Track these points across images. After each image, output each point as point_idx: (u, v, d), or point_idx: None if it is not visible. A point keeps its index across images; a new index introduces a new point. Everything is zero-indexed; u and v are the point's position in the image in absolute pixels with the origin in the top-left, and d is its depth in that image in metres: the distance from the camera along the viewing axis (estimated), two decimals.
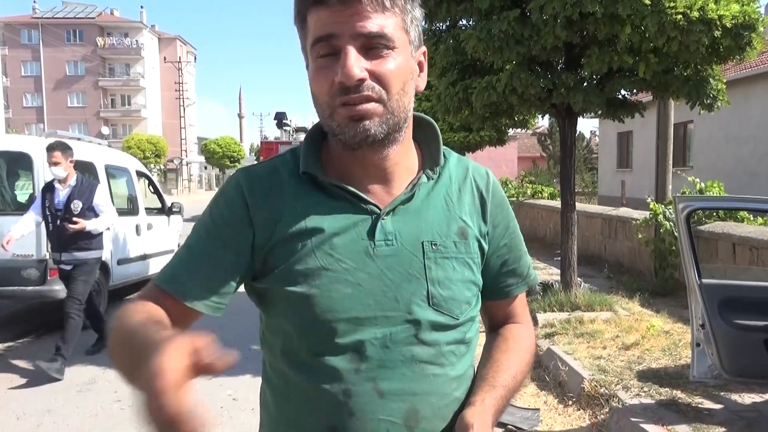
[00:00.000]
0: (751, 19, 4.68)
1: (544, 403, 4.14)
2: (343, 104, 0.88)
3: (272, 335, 0.98)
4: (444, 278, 0.95)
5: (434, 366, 0.94)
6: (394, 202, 0.96)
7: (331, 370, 0.92)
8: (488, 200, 1.04)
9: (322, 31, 0.87)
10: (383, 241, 0.93)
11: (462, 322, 0.97)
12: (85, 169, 6.76)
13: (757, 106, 14.59)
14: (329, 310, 0.91)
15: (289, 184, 0.96)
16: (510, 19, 5.01)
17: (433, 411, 0.94)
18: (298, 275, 0.92)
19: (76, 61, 56.12)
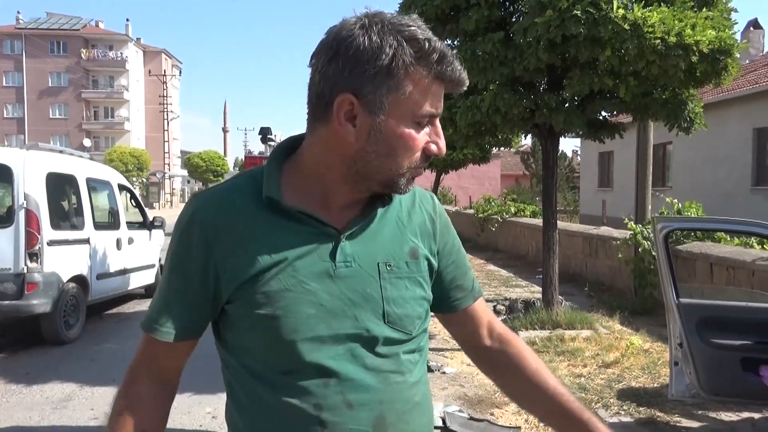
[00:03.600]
0: (726, 44, 4.80)
1: (525, 422, 4.15)
2: (419, 167, 0.99)
3: (238, 356, 1.02)
4: (398, 297, 1.02)
5: (396, 374, 1.01)
6: (352, 225, 1.01)
7: (301, 387, 0.96)
8: (437, 222, 1.12)
9: (437, 108, 0.97)
10: (343, 263, 0.99)
11: (416, 335, 1.05)
12: (66, 182, 6.71)
13: (733, 130, 14.93)
14: (294, 330, 0.95)
15: (248, 208, 0.99)
16: (495, 40, 5.10)
17: (398, 416, 1.01)
18: (263, 298, 0.96)
19: (60, 73, 55.69)
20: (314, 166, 1.01)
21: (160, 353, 1.03)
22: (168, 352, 1.03)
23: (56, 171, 6.43)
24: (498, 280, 9.84)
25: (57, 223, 6.25)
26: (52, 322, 6.03)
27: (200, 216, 0.99)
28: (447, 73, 0.94)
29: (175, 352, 1.03)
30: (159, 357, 1.04)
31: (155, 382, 1.04)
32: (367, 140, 0.95)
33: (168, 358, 1.04)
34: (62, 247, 6.25)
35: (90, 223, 6.85)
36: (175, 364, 1.06)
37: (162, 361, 1.04)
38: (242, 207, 0.99)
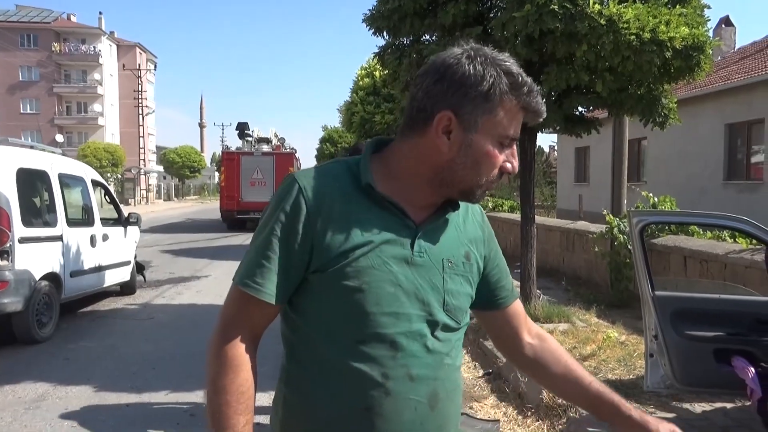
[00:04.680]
0: (699, 41, 4.87)
1: (504, 415, 4.18)
2: (494, 182, 1.15)
3: (312, 321, 1.12)
4: (455, 290, 1.17)
5: (447, 357, 1.17)
6: (428, 222, 1.16)
7: (372, 355, 1.09)
8: (485, 231, 1.30)
9: (516, 133, 1.12)
10: (418, 253, 1.13)
11: (462, 326, 1.20)
12: (38, 178, 6.56)
13: (706, 125, 15.21)
14: (376, 303, 1.08)
15: (346, 191, 1.13)
16: (473, 35, 5.10)
17: (446, 394, 1.16)
18: (353, 271, 1.08)
19: (30, 67, 54.42)
20: (403, 167, 1.16)
21: (257, 313, 1.11)
22: (264, 313, 1.12)
23: (27, 167, 6.29)
24: None
25: (28, 220, 6.12)
26: (24, 320, 5.91)
27: (306, 192, 1.11)
28: (532, 105, 1.11)
29: (269, 313, 1.13)
30: (255, 316, 1.12)
31: (249, 341, 1.12)
32: (458, 153, 1.11)
33: (262, 318, 1.13)
34: (34, 245, 6.13)
35: (63, 220, 6.72)
36: (265, 325, 1.14)
37: (257, 320, 1.12)
38: (341, 189, 1.12)
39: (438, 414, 1.14)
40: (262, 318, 1.13)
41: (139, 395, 4.56)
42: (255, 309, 1.11)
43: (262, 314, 1.12)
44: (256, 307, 1.11)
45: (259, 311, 1.12)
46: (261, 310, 1.11)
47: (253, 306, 1.11)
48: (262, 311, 1.12)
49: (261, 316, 1.12)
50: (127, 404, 4.38)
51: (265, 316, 1.13)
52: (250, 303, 1.10)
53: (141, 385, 4.75)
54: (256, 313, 1.12)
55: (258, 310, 1.11)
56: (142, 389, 4.67)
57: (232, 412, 1.06)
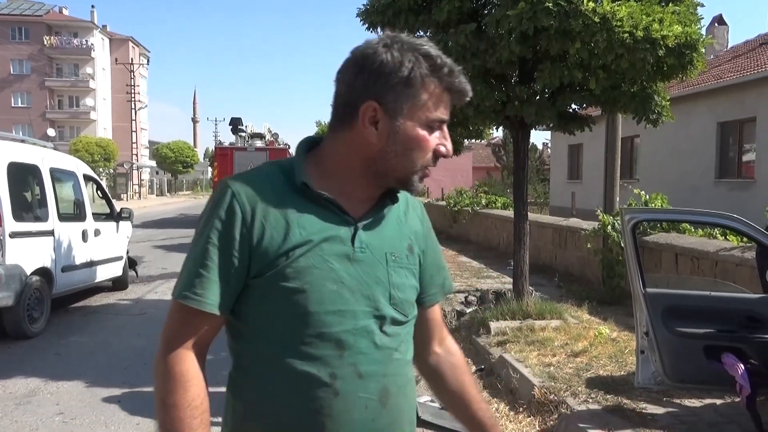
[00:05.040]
0: (692, 39, 4.89)
1: (495, 410, 4.20)
2: (430, 167, 1.14)
3: (255, 327, 1.10)
4: (400, 283, 1.17)
5: (396, 352, 1.15)
6: (367, 216, 1.15)
7: (318, 356, 1.07)
8: (424, 225, 1.29)
9: (445, 115, 1.13)
10: (360, 249, 1.12)
11: (410, 320, 1.20)
12: (29, 173, 6.52)
13: (699, 123, 15.28)
14: (319, 303, 1.07)
15: (281, 192, 1.11)
16: (467, 32, 5.10)
17: (398, 389, 1.15)
18: (293, 272, 1.06)
19: (22, 60, 53.95)
20: (337, 163, 1.15)
21: (202, 325, 1.09)
22: (209, 324, 1.09)
23: (18, 161, 6.25)
24: (469, 271, 9.92)
25: (20, 214, 6.08)
26: (15, 315, 5.88)
27: (239, 196, 1.09)
28: (455, 85, 1.11)
29: (214, 324, 1.10)
30: (200, 329, 1.09)
31: (198, 354, 1.10)
32: (387, 141, 1.10)
33: (208, 330, 1.10)
34: (25, 239, 6.09)
35: (54, 215, 6.68)
36: (211, 337, 1.12)
37: (202, 332, 1.09)
38: (276, 190, 1.11)
39: (390, 410, 1.13)
40: (208, 330, 1.10)
41: (131, 390, 4.54)
42: (199, 321, 1.08)
43: (206, 326, 1.09)
44: (199, 319, 1.08)
45: (204, 323, 1.09)
46: (205, 321, 1.08)
47: (196, 319, 1.08)
48: (207, 323, 1.09)
49: (206, 328, 1.09)
50: (119, 399, 4.37)
51: (210, 327, 1.10)
52: (193, 316, 1.07)
53: (133, 380, 4.73)
54: (201, 325, 1.09)
55: (202, 323, 1.08)
56: (134, 384, 4.66)
57: (186, 429, 1.04)
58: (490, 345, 5.27)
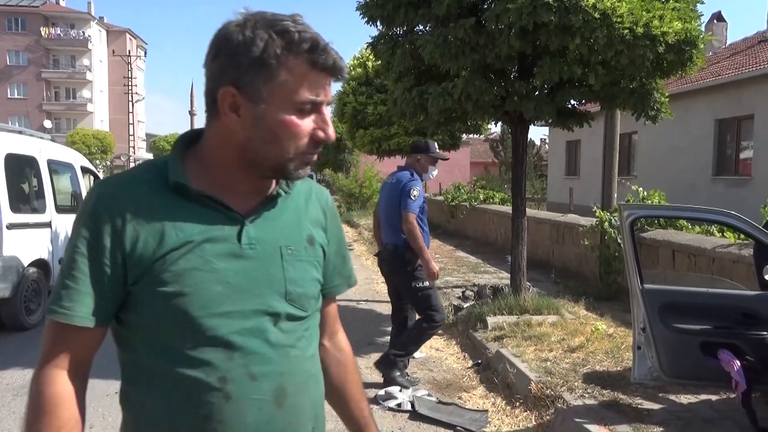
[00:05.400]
0: (692, 36, 4.90)
1: (492, 405, 4.22)
2: (309, 153, 1.05)
3: (142, 335, 1.04)
4: (298, 278, 1.11)
5: (294, 349, 1.10)
6: (256, 211, 1.09)
7: (206, 361, 1.02)
8: (328, 214, 1.24)
9: (318, 95, 1.03)
10: (248, 245, 1.06)
11: (311, 314, 1.15)
12: (26, 164, 6.50)
13: (696, 120, 15.30)
14: (202, 306, 1.01)
15: (153, 194, 1.04)
16: (466, 26, 5.09)
17: (296, 387, 1.10)
18: (171, 276, 1.00)
19: (18, 51, 53.72)
20: (214, 157, 1.08)
21: (75, 340, 1.01)
22: (83, 339, 1.02)
23: (15, 152, 6.22)
24: (467, 266, 9.93)
25: (17, 206, 6.06)
26: (13, 307, 5.87)
27: (106, 201, 1.03)
28: (320, 61, 1.01)
29: (90, 339, 1.03)
30: (74, 344, 1.02)
31: (73, 375, 1.02)
32: (252, 129, 1.03)
33: (84, 346, 1.03)
34: (22, 231, 6.08)
35: (51, 207, 6.66)
36: (89, 351, 1.05)
37: (78, 348, 1.02)
38: (147, 192, 1.04)
39: (287, 410, 1.08)
40: (83, 345, 1.02)
41: None
42: (72, 337, 1.01)
43: (81, 341, 1.02)
44: (72, 334, 1.00)
45: (77, 338, 1.01)
46: (79, 336, 1.01)
47: (68, 334, 1.00)
48: (81, 337, 1.01)
49: (81, 343, 1.02)
50: (116, 391, 4.36)
51: (86, 342, 1.02)
52: (64, 331, 1.00)
53: None
54: (74, 340, 1.01)
55: (75, 338, 1.01)
56: None
57: None
58: (487, 340, 5.29)
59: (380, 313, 7.04)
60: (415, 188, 4.36)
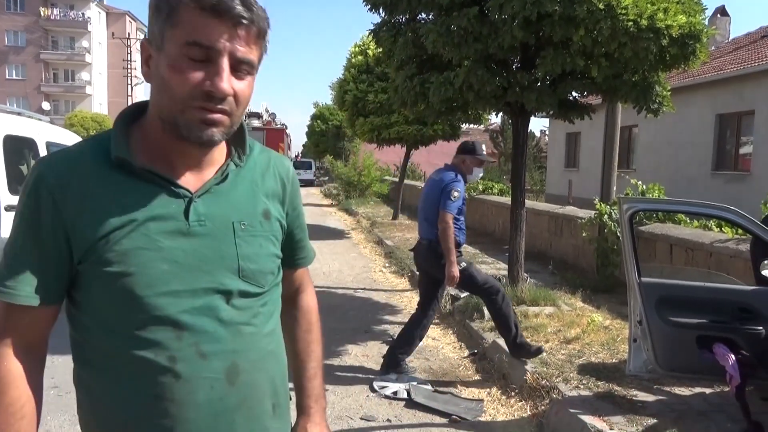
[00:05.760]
0: (696, 30, 4.87)
1: (487, 394, 4.25)
2: (200, 108, 0.97)
3: (90, 314, 1.03)
4: (252, 254, 1.08)
5: (248, 326, 1.08)
6: (205, 186, 1.06)
7: (154, 341, 1.00)
8: (287, 186, 1.20)
9: (205, 39, 0.95)
10: (197, 222, 1.03)
11: (268, 289, 1.12)
12: (25, 146, 6.46)
13: (697, 115, 15.28)
14: (147, 286, 0.99)
15: (96, 170, 1.01)
16: (470, 16, 5.06)
17: (251, 364, 1.08)
18: (115, 256, 0.98)
19: (17, 31, 53.29)
20: (151, 127, 1.05)
21: (22, 319, 1.01)
22: (31, 318, 1.01)
23: (14, 134, 6.19)
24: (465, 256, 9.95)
25: (15, 188, 6.03)
26: None
27: (46, 179, 0.99)
28: (203, 1, 0.95)
29: (38, 318, 1.02)
30: (22, 323, 1.01)
31: (23, 352, 1.01)
32: (153, 79, 1.00)
33: (33, 324, 1.02)
34: None
35: None
36: (41, 330, 1.04)
37: (26, 327, 1.01)
38: (89, 169, 1.01)
39: (240, 387, 1.06)
40: (32, 324, 1.02)
41: None
42: (18, 315, 1.00)
43: (29, 320, 1.01)
44: (17, 313, 1.00)
45: (24, 317, 1.00)
46: (25, 315, 1.00)
47: (15, 312, 1.00)
48: (28, 316, 1.00)
49: (28, 322, 1.01)
50: None
51: (35, 321, 1.01)
52: (11, 310, 1.00)
53: None
54: (20, 319, 1.00)
55: (21, 317, 1.00)
56: None
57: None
58: (483, 330, 5.31)
59: (377, 301, 7.06)
60: (456, 189, 4.38)
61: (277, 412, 1.16)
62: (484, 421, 3.81)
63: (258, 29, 1.00)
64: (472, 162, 4.64)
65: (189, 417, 1.02)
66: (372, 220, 15.09)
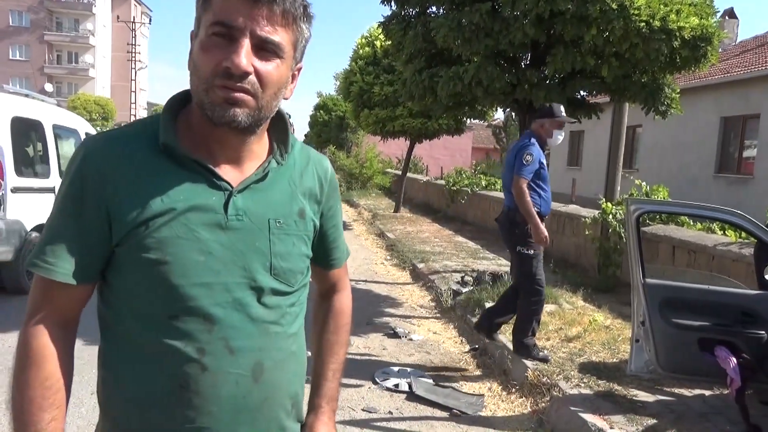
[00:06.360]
0: (708, 32, 4.88)
1: (488, 390, 4.27)
2: (222, 86, 0.97)
3: (122, 299, 1.03)
4: (285, 252, 1.08)
5: (276, 325, 1.08)
6: (246, 181, 1.05)
7: (184, 331, 1.00)
8: (325, 186, 1.20)
9: (227, 18, 0.96)
10: (234, 216, 1.03)
11: (297, 289, 1.12)
12: (32, 128, 6.47)
13: (702, 117, 15.26)
14: (182, 275, 0.99)
15: (142, 155, 1.01)
16: (482, 11, 5.05)
17: (274, 363, 1.08)
18: (154, 243, 0.98)
19: (21, 12, 53.08)
20: (195, 115, 1.04)
21: (59, 296, 1.01)
22: (68, 295, 1.02)
23: (22, 116, 6.19)
24: (466, 251, 9.97)
25: (21, 169, 6.05)
26: (14, 271, 5.89)
27: (93, 159, 1.00)
28: None
29: (74, 295, 1.03)
30: (58, 300, 1.02)
31: (58, 328, 1.02)
32: (190, 65, 1.02)
33: (68, 301, 1.03)
34: (26, 195, 6.07)
35: (56, 172, 6.64)
36: (75, 308, 1.05)
37: (62, 303, 1.02)
38: (135, 153, 1.01)
39: (263, 385, 1.07)
40: (68, 301, 1.02)
41: None
42: (56, 292, 1.01)
43: (66, 297, 1.02)
44: (56, 289, 1.00)
45: (61, 294, 1.01)
46: (62, 292, 1.01)
47: (53, 289, 1.00)
48: (65, 293, 1.01)
49: (65, 298, 1.02)
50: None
51: (71, 298, 1.02)
52: (49, 286, 1.00)
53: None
54: (59, 296, 1.01)
55: (59, 293, 1.01)
56: None
57: (36, 409, 0.97)
58: None
59: (378, 294, 7.08)
60: (530, 153, 4.30)
61: (293, 414, 1.17)
62: (484, 416, 3.84)
63: (283, 9, 0.98)
64: (551, 125, 4.49)
65: (211, 410, 1.03)
66: (373, 213, 15.11)
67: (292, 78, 1.09)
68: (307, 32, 1.06)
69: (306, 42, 1.07)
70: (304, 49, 1.08)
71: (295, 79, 1.10)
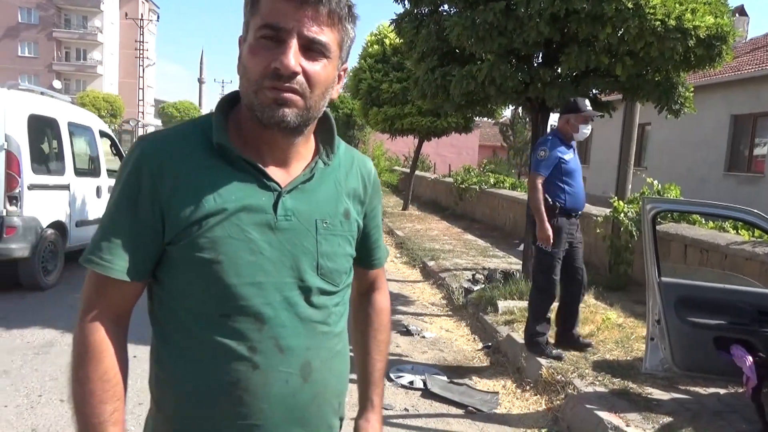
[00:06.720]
0: (723, 31, 4.87)
1: (502, 387, 4.30)
2: (271, 87, 0.98)
3: (175, 296, 1.05)
4: (331, 252, 1.10)
5: (323, 325, 1.10)
6: (294, 182, 1.07)
7: (236, 329, 1.02)
8: (369, 187, 1.22)
9: (275, 20, 0.97)
10: (284, 217, 1.05)
11: (342, 289, 1.14)
12: (48, 126, 6.53)
13: (712, 115, 15.18)
14: (235, 274, 1.01)
15: (196, 154, 1.03)
16: (496, 10, 5.06)
17: (321, 363, 1.10)
18: (207, 242, 1.00)
19: (30, 9, 53.32)
20: (245, 118, 1.06)
21: (114, 292, 1.03)
22: (122, 291, 1.04)
23: (38, 113, 6.25)
24: (475, 249, 9.98)
25: (37, 167, 6.11)
26: (30, 267, 5.95)
27: (149, 158, 1.02)
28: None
29: (128, 292, 1.04)
30: (113, 296, 1.04)
31: (112, 323, 1.04)
32: (239, 68, 1.04)
33: (122, 298, 1.05)
34: (42, 192, 6.14)
35: (71, 169, 6.71)
36: (128, 304, 1.07)
37: (116, 300, 1.04)
38: (190, 152, 1.03)
39: (312, 384, 1.08)
40: (122, 297, 1.04)
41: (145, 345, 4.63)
42: (110, 289, 1.03)
43: (119, 293, 1.04)
44: (110, 286, 1.02)
45: (115, 290, 1.03)
46: (116, 289, 1.03)
47: (107, 285, 1.02)
48: (119, 290, 1.03)
49: (119, 295, 1.04)
50: (134, 354, 4.45)
51: (124, 295, 1.04)
52: (104, 282, 1.02)
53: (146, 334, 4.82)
54: (113, 292, 1.03)
55: (113, 290, 1.03)
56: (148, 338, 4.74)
57: (98, 402, 0.99)
58: (497, 323, 5.35)
59: (390, 291, 6.99)
60: (543, 148, 4.30)
61: (339, 412, 1.19)
62: (499, 413, 3.87)
63: (329, 10, 0.99)
64: (576, 120, 4.44)
65: (262, 408, 1.04)
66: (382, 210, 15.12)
67: (338, 78, 1.09)
68: (352, 32, 1.07)
69: (351, 42, 1.08)
70: (349, 49, 1.09)
71: (341, 79, 1.11)
